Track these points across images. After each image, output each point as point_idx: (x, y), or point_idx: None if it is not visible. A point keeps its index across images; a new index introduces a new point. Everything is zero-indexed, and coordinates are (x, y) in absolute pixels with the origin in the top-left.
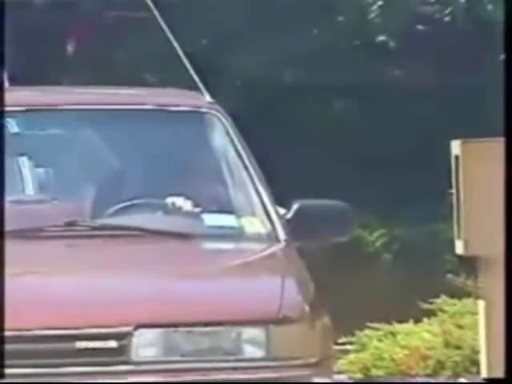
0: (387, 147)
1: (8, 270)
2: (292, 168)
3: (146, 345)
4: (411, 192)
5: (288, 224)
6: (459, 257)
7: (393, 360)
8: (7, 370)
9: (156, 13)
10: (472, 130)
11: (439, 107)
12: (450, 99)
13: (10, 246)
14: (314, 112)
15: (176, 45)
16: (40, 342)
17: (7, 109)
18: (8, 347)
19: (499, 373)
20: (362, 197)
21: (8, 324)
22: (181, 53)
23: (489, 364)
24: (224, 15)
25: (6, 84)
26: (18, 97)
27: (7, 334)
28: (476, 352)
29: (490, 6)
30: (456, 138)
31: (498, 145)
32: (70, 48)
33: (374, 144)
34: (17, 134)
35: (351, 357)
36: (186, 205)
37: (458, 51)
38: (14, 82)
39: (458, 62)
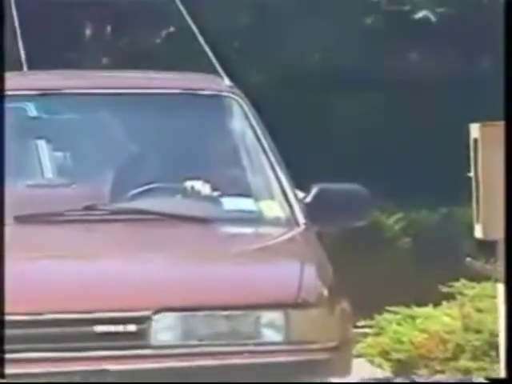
0: (403, 134)
1: (27, 254)
2: (312, 154)
3: (165, 329)
4: (429, 176)
5: (307, 208)
6: (478, 240)
7: (412, 343)
8: (25, 355)
9: None
10: (488, 113)
11: (457, 94)
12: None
13: (30, 230)
14: (338, 101)
15: (195, 28)
16: (59, 325)
17: (26, 92)
18: (28, 331)
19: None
20: (380, 182)
21: (28, 308)
22: (200, 37)
23: (508, 347)
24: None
25: (25, 68)
26: (36, 81)
27: (27, 318)
28: (495, 336)
29: None
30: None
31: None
32: (88, 32)
33: (391, 131)
34: (35, 117)
35: (370, 340)
36: (204, 189)
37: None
38: (33, 65)
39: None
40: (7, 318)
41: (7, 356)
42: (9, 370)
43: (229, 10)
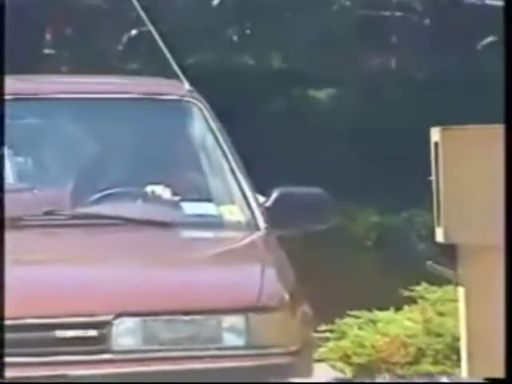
0: (370, 135)
1: None
2: (275, 155)
3: (125, 333)
4: (390, 179)
5: (267, 212)
6: (439, 244)
7: (373, 347)
8: None
9: (135, 2)
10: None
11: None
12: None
13: None
14: (297, 101)
15: (155, 33)
16: (20, 331)
17: None
18: None
19: (479, 361)
20: (342, 184)
21: None
22: (160, 41)
23: (469, 351)
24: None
25: None
26: None
27: None
28: (457, 339)
29: None
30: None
31: (478, 132)
32: (49, 36)
33: (358, 132)
34: None
35: (331, 344)
36: (165, 193)
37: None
38: None
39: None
40: None
41: None
42: None
43: (191, 13)
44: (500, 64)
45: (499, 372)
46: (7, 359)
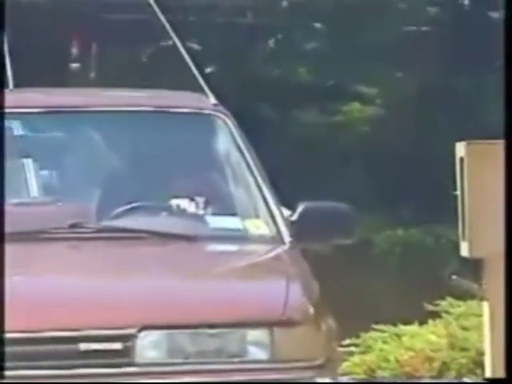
0: (392, 150)
1: (12, 272)
2: (300, 169)
3: (150, 346)
4: (415, 193)
5: (293, 226)
6: (464, 258)
7: (398, 362)
8: (11, 373)
9: (160, 14)
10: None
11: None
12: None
13: (15, 248)
14: (322, 113)
15: (181, 46)
16: (44, 343)
17: (11, 110)
18: (12, 349)
19: (501, 373)
20: (366, 199)
21: (12, 326)
22: (185, 54)
23: (493, 366)
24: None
25: (10, 86)
26: (22, 99)
27: (11, 335)
28: (481, 354)
29: None
30: (458, 139)
31: (502, 146)
32: (74, 50)
33: (379, 146)
34: (21, 136)
35: (356, 359)
36: (190, 207)
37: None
38: (18, 83)
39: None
40: None
41: None
42: None
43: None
44: None
45: None
46: (31, 372)
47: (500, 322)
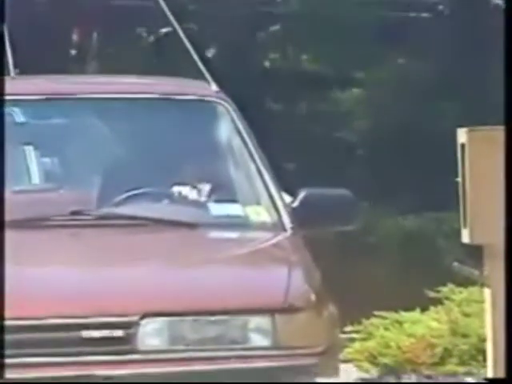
0: (391, 137)
1: (14, 260)
2: (301, 155)
3: (152, 334)
4: (416, 180)
5: (294, 212)
6: (466, 245)
7: (399, 348)
8: (12, 360)
9: (162, 2)
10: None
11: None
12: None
13: (16, 235)
14: (322, 104)
15: (182, 34)
16: (46, 331)
17: (13, 98)
18: (13, 336)
19: (503, 360)
20: (367, 186)
21: (13, 313)
22: (187, 41)
23: (494, 352)
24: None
25: (12, 73)
26: (23, 86)
27: (12, 323)
28: (482, 340)
29: None
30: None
31: (504, 132)
32: (75, 37)
33: (378, 134)
34: (22, 123)
35: (357, 345)
36: (192, 194)
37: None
38: (20, 71)
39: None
40: None
41: None
42: None
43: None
44: None
45: None
46: (34, 359)
47: (501, 308)
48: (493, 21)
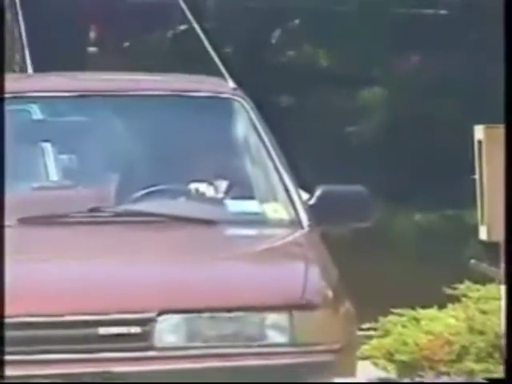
0: (406, 134)
1: (31, 256)
2: (317, 153)
3: (169, 330)
4: (433, 178)
5: (311, 209)
6: (483, 242)
7: (416, 345)
8: (29, 357)
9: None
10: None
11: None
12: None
13: (34, 232)
14: (337, 100)
15: (199, 30)
16: (63, 328)
17: (30, 94)
18: (30, 333)
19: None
20: (383, 183)
21: (32, 310)
22: (204, 38)
23: (508, 347)
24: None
25: (30, 70)
26: (40, 83)
27: (30, 319)
28: (500, 337)
29: None
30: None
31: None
32: (91, 34)
33: (392, 131)
34: (40, 120)
35: (375, 342)
36: (209, 191)
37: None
38: (38, 68)
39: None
40: (11, 320)
41: (11, 358)
42: (11, 371)
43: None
44: None
45: None
46: (51, 356)
47: None
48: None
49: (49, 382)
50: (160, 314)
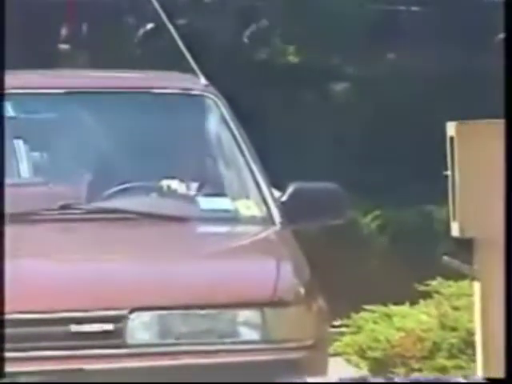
0: (381, 131)
1: (1, 253)
2: (289, 149)
3: (141, 328)
4: (405, 174)
5: (283, 206)
6: (455, 239)
7: (388, 342)
8: (2, 354)
9: None
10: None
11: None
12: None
13: (5, 229)
14: (312, 95)
15: (171, 27)
16: (35, 325)
17: (2, 92)
18: (1, 331)
19: (493, 354)
20: (356, 180)
21: (2, 308)
22: (176, 36)
23: (484, 345)
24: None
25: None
26: (13, 80)
27: (1, 317)
28: (472, 334)
29: None
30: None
31: (493, 126)
32: (64, 32)
33: (368, 127)
34: (12, 117)
35: (347, 339)
36: (180, 188)
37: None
38: (10, 65)
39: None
40: None
41: None
42: None
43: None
44: None
45: None
46: (23, 353)
47: (490, 302)
48: (479, 13)
49: (20, 380)
50: (132, 311)
